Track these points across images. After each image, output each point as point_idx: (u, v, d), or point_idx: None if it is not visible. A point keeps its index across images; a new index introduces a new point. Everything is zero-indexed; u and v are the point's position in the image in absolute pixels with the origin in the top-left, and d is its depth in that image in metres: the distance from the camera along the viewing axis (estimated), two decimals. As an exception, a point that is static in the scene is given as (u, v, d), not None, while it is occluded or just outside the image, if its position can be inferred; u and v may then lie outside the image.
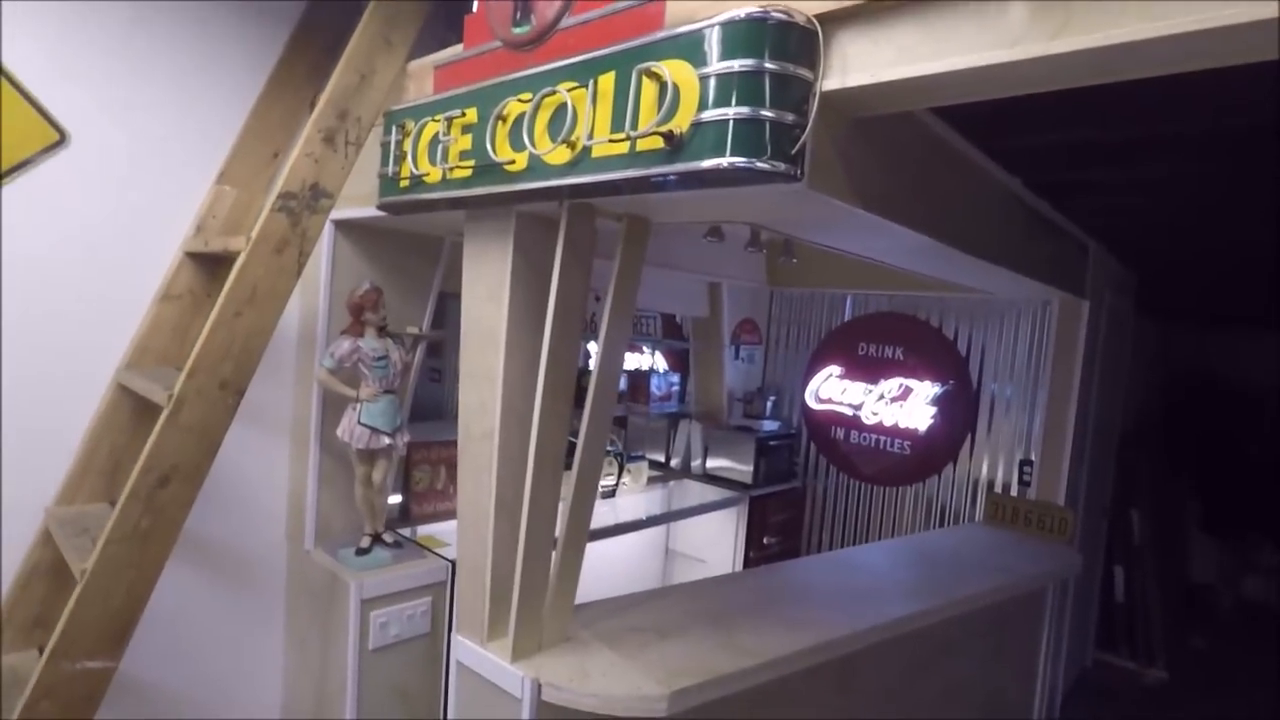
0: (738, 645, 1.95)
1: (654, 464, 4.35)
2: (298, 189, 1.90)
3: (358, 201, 2.21)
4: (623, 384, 3.81)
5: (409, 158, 1.84)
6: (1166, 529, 4.95)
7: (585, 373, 3.64)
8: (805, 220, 1.87)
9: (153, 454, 1.75)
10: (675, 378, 4.17)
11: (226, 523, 2.53)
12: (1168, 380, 5.90)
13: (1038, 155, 2.21)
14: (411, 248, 2.62)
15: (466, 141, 1.69)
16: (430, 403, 3.19)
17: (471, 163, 1.68)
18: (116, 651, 1.74)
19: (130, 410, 2.17)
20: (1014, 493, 3.58)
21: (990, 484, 3.77)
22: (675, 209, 1.69)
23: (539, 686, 1.72)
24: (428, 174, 1.79)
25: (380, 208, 2.00)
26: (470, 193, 1.70)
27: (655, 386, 3.98)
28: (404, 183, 1.88)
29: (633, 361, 4.54)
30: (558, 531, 1.84)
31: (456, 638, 1.93)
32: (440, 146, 1.73)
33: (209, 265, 2.28)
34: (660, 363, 4.52)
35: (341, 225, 2.46)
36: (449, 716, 1.97)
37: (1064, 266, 3.06)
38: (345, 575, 2.33)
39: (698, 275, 3.83)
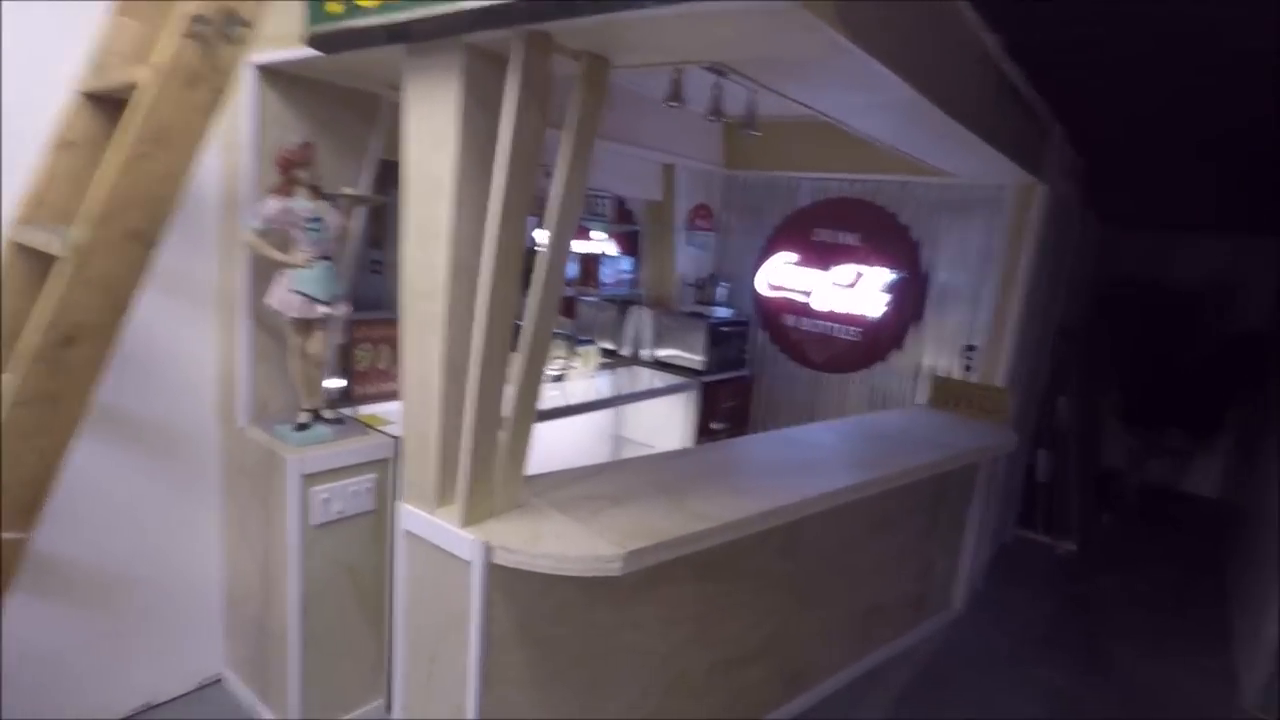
0: (690, 510, 1.96)
1: (605, 352, 4.31)
2: (210, 13, 1.65)
3: (284, 42, 1.96)
4: (571, 269, 3.69)
5: (334, -25, 1.61)
6: (1089, 417, 5.24)
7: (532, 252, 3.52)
8: (785, 57, 1.73)
9: (58, 311, 1.58)
10: (626, 262, 4.06)
11: (149, 399, 2.38)
12: (1106, 279, 6.08)
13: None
14: (346, 103, 2.38)
15: (402, -47, 1.48)
16: (371, 294, 3.02)
17: (408, -20, 1.47)
18: (29, 522, 1.63)
19: (27, 270, 1.95)
20: (958, 378, 3.67)
21: (934, 370, 3.86)
22: (641, 42, 1.54)
23: (490, 550, 1.70)
24: (358, -5, 1.58)
25: (309, 42, 1.77)
26: (412, 15, 1.50)
27: (605, 270, 3.86)
28: (334, 7, 1.66)
29: (582, 245, 4.41)
30: (513, 396, 1.76)
31: (403, 507, 1.88)
32: (372, -40, 1.51)
33: (109, 108, 2.00)
34: (612, 247, 4.39)
35: (267, 73, 2.20)
36: (396, 590, 1.94)
37: (1027, 146, 3.01)
38: (283, 451, 2.23)
39: (653, 153, 3.65)
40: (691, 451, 2.60)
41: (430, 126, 1.67)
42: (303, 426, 2.33)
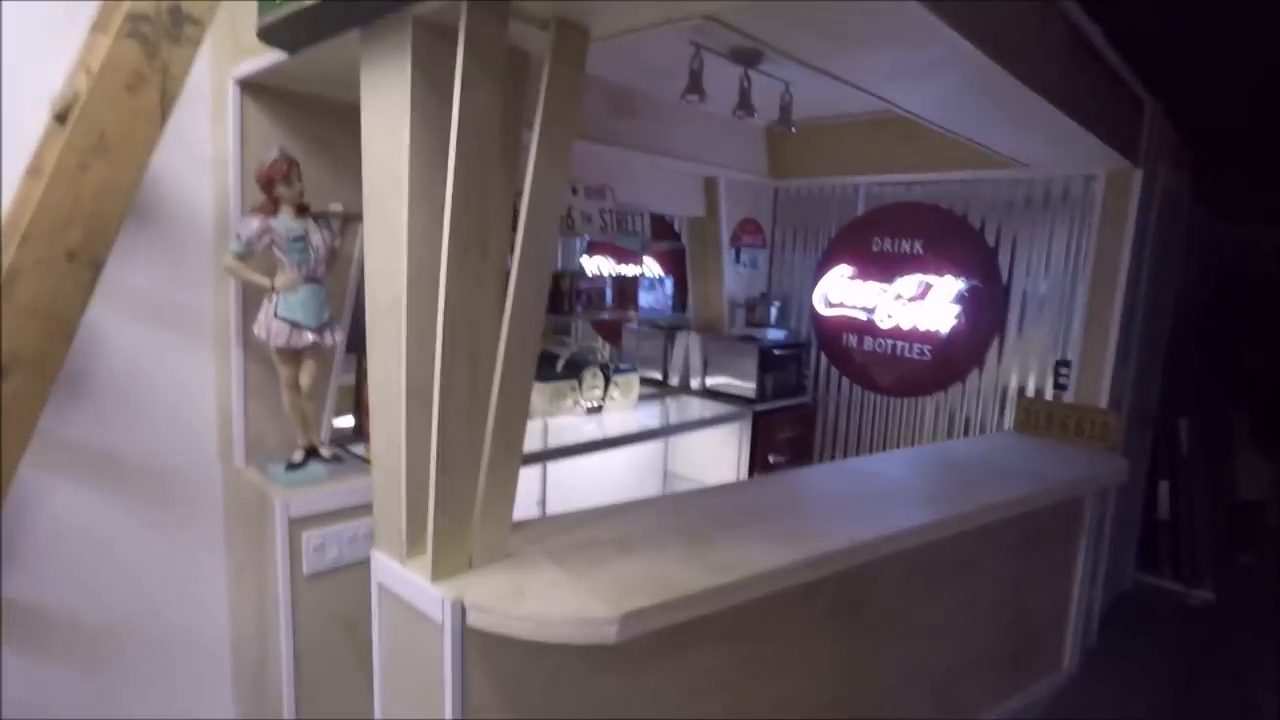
0: (711, 560, 1.62)
1: (650, 381, 4.02)
2: (151, 11, 1.52)
3: (260, 52, 1.82)
4: (609, 293, 3.44)
5: (275, -45, 1.44)
6: (1217, 441, 4.53)
7: (563, 275, 3.29)
8: (820, 16, 1.45)
9: (-12, 341, 1.44)
10: (668, 284, 3.77)
11: (152, 442, 2.24)
12: (1227, 280, 5.34)
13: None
14: (338, 118, 2.23)
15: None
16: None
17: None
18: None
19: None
20: (1049, 398, 3.18)
21: (1021, 391, 3.37)
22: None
23: (463, 609, 1.42)
24: (298, -28, 1.39)
25: (260, 36, 1.61)
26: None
27: (645, 294, 3.59)
28: (278, -6, 1.49)
29: (616, 267, 4.18)
30: (488, 425, 1.50)
31: (375, 555, 1.63)
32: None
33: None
34: (653, 268, 4.13)
35: (249, 87, 2.07)
36: (374, 650, 1.68)
37: (1118, 122, 2.58)
38: (270, 492, 2.04)
39: (689, 165, 3.39)
40: (729, 488, 2.26)
41: (384, 118, 1.46)
42: (295, 465, 2.14)
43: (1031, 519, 2.56)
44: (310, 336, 2.04)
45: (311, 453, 2.19)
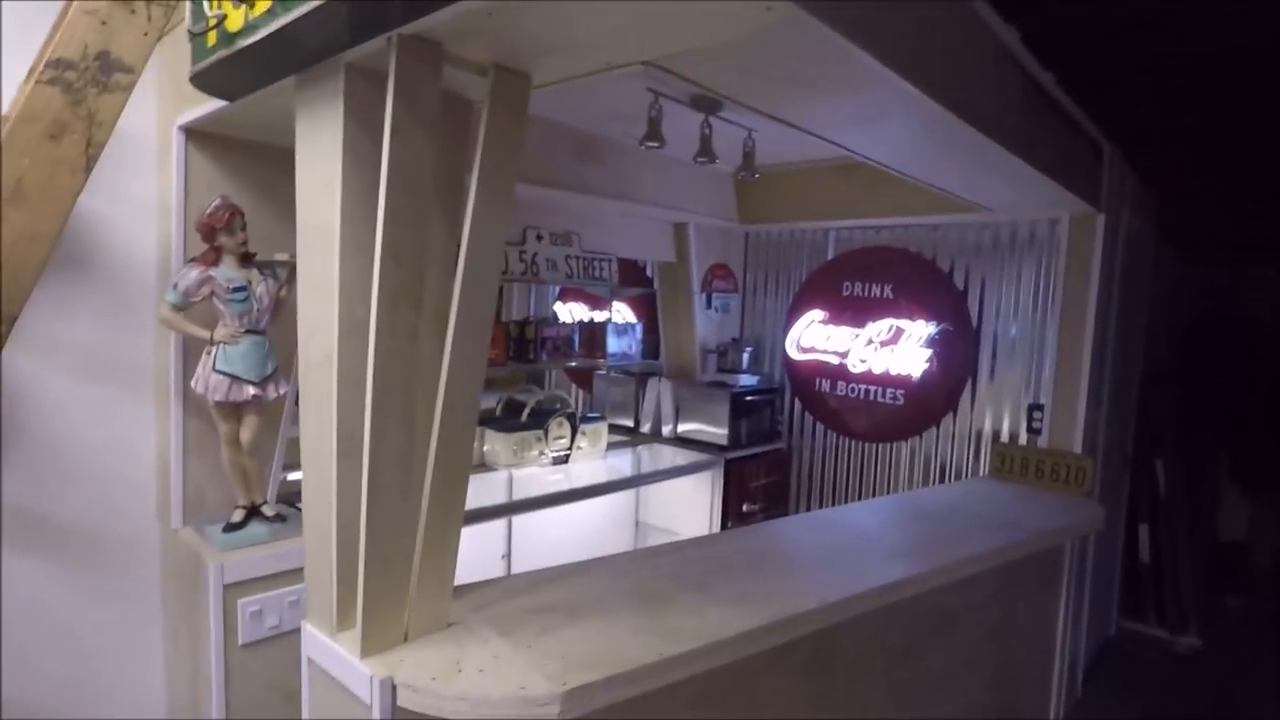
0: (668, 627, 1.52)
1: (622, 428, 3.93)
2: (77, 57, 1.46)
3: (204, 99, 1.76)
4: (575, 339, 3.38)
5: (204, -1, 1.39)
6: (1196, 482, 4.49)
7: (528, 323, 3.23)
8: (769, 64, 1.43)
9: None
10: (638, 329, 3.72)
11: (88, 502, 2.13)
12: (1196, 322, 5.39)
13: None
14: (283, 163, 2.13)
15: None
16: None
17: (267, -14, 1.24)
18: None
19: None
20: (1023, 442, 3.13)
21: (995, 435, 3.32)
22: (568, 42, 1.24)
23: (393, 688, 1.30)
24: (227, 16, 1.35)
25: (194, 83, 1.55)
26: (269, 30, 1.25)
27: (616, 339, 3.53)
28: (211, 37, 1.44)
29: (583, 313, 4.14)
30: (425, 488, 1.41)
31: (304, 627, 1.51)
32: (230, -30, 1.29)
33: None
34: (625, 313, 4.08)
35: (194, 135, 2.02)
36: (305, 726, 1.55)
37: (1076, 168, 2.59)
38: (205, 555, 1.92)
39: (658, 210, 3.37)
40: (691, 544, 2.16)
41: (317, 166, 1.41)
42: (234, 526, 2.03)
43: (1010, 569, 2.48)
44: (251, 390, 1.95)
45: (253, 512, 2.08)
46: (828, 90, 1.66)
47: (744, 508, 3.62)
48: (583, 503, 3.08)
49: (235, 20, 1.34)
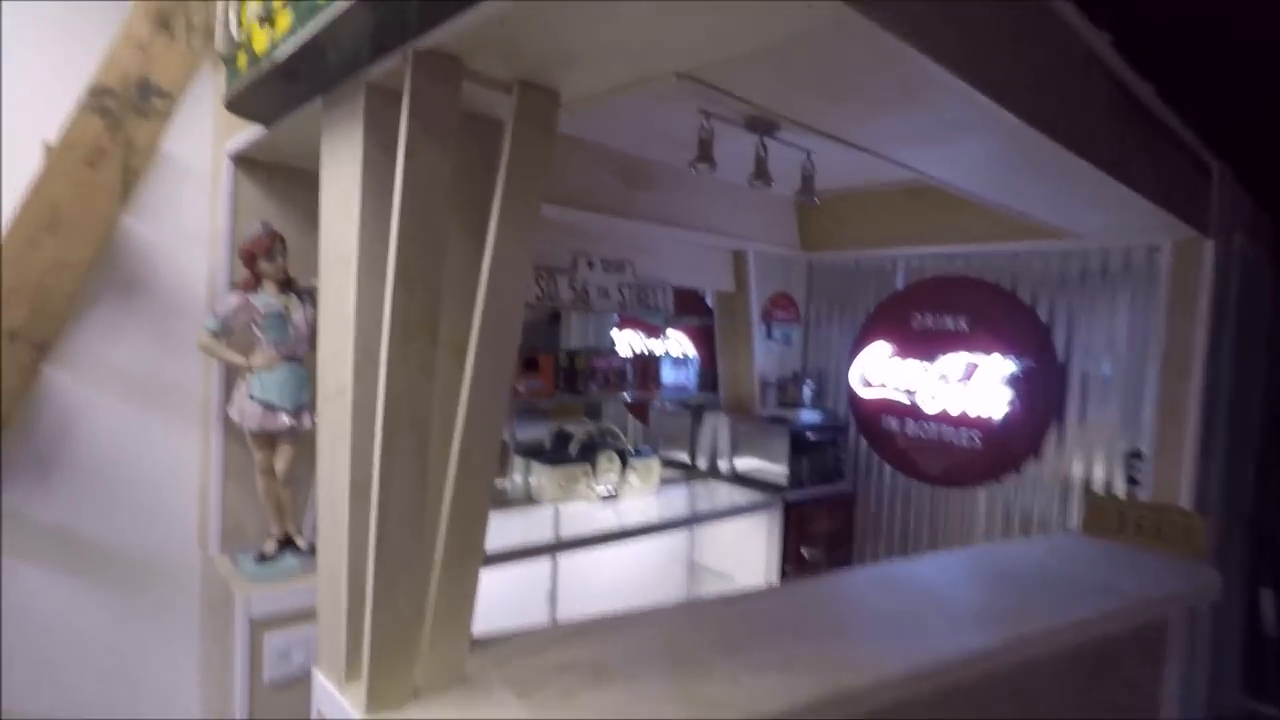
0: (701, 697, 1.36)
1: (677, 464, 3.78)
2: (117, 84, 1.47)
3: (250, 125, 1.77)
4: (629, 370, 3.26)
5: (233, 22, 1.37)
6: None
7: (578, 353, 3.14)
8: (820, 76, 1.31)
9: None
10: (693, 360, 3.58)
11: (132, 526, 2.14)
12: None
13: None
14: (330, 190, 2.17)
15: (278, -27, 1.21)
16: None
17: (288, 9, 1.19)
18: None
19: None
20: (1121, 494, 2.81)
21: (1087, 484, 3.00)
22: (589, 50, 1.15)
23: (396, 753, 1.19)
24: (253, 38, 1.32)
25: (228, 106, 1.54)
26: (292, 48, 1.21)
27: (671, 370, 3.40)
28: (241, 62, 1.42)
29: (638, 343, 4.01)
30: (440, 531, 1.31)
31: (315, 675, 1.42)
32: (255, -8, 1.26)
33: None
34: (684, 344, 3.94)
35: (242, 162, 2.03)
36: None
37: (1179, 189, 2.32)
38: (234, 587, 1.87)
39: (714, 237, 3.24)
40: (734, 600, 1.98)
41: (338, 190, 1.36)
42: (266, 557, 1.98)
43: (1107, 643, 2.18)
44: (286, 419, 1.92)
45: (286, 543, 2.03)
46: (888, 104, 1.51)
47: (804, 552, 3.39)
48: (632, 542, 2.94)
49: (260, 41, 1.31)
